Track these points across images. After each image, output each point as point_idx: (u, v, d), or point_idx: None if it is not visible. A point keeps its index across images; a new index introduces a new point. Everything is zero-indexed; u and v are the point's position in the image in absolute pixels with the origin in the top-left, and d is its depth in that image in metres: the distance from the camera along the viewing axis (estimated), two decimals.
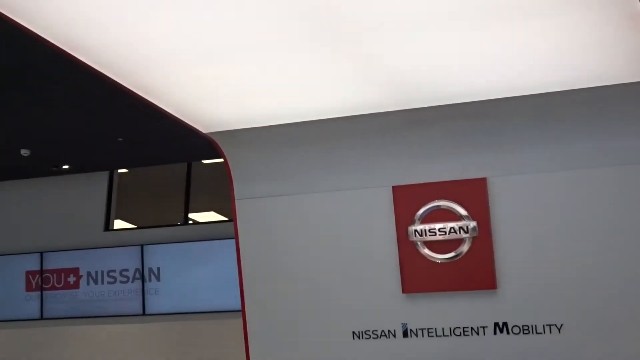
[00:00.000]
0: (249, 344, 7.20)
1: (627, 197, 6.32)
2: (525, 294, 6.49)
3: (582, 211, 6.41)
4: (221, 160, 7.39)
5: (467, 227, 6.57)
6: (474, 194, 6.58)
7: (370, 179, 6.89)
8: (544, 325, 6.43)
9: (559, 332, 6.39)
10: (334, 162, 7.00)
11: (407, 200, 6.73)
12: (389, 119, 6.65)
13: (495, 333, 6.53)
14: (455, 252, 6.60)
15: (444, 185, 6.66)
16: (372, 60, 5.67)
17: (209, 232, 14.35)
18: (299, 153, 7.05)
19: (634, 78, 6.05)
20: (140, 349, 13.87)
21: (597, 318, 6.31)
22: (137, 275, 14.28)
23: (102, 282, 14.50)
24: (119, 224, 15.88)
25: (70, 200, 15.65)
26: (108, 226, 15.62)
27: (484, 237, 6.54)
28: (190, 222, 15.31)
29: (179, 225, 15.32)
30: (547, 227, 6.48)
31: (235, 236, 7.32)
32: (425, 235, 6.66)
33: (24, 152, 13.95)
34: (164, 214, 16.21)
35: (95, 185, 15.69)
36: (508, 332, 6.51)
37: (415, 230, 6.69)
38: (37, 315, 14.98)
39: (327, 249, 6.99)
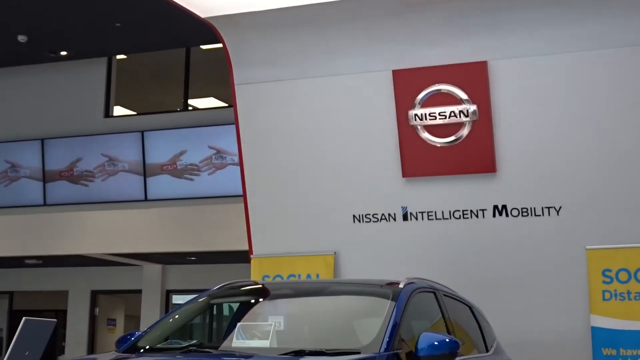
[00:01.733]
0: (251, 228, 7.27)
1: (626, 79, 6.30)
2: (525, 177, 6.53)
3: (581, 94, 6.39)
4: (220, 45, 7.35)
5: (467, 110, 6.56)
6: (474, 78, 6.55)
7: (370, 63, 6.85)
8: (542, 208, 6.48)
9: (558, 214, 6.45)
10: (334, 47, 6.94)
11: (407, 84, 6.70)
12: (388, 1, 6.57)
13: (494, 216, 6.59)
14: (455, 136, 6.61)
15: (444, 68, 6.63)
16: None
17: (209, 118, 14.31)
18: (298, 37, 6.99)
19: None
20: (143, 233, 13.99)
21: (595, 200, 6.36)
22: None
23: (104, 168, 14.53)
24: (118, 110, 15.82)
25: (69, 87, 15.55)
26: (108, 113, 15.58)
27: (484, 121, 6.53)
28: (190, 108, 15.25)
29: (178, 111, 15.26)
30: (547, 110, 6.47)
31: (236, 122, 7.32)
32: (426, 119, 6.66)
33: (21, 38, 13.81)
34: (163, 101, 16.13)
35: (94, 72, 15.57)
36: (507, 215, 6.57)
37: (416, 114, 6.68)
38: (40, 201, 15.07)
39: (327, 134, 7.00)
